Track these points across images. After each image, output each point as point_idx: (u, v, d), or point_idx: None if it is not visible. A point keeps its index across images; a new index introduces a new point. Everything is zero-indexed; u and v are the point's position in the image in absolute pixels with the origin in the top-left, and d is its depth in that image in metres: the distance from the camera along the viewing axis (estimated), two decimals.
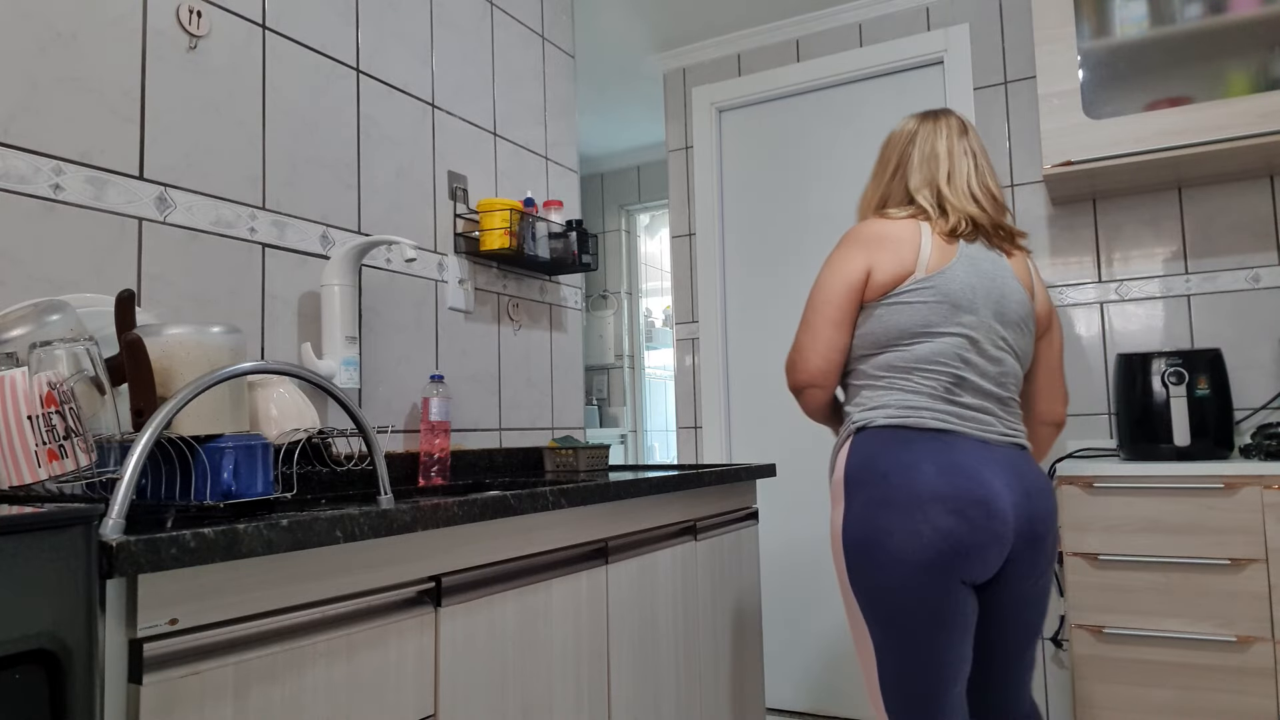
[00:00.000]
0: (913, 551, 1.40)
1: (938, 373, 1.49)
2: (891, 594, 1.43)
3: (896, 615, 1.43)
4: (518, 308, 2.38)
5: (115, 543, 0.80)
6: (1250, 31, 2.28)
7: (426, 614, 1.19)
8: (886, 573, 1.42)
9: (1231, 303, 2.51)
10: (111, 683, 0.83)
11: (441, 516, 1.18)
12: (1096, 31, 2.42)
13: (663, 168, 4.69)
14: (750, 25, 3.21)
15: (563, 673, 1.46)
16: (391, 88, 2.01)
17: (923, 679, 1.43)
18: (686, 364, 3.36)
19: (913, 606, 1.42)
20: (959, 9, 2.92)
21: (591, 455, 2.16)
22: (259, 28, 1.70)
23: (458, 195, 2.19)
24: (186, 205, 1.54)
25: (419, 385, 2.02)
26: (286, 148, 1.74)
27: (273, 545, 0.95)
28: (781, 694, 3.09)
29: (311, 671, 1.02)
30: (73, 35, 1.39)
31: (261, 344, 1.67)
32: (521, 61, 2.47)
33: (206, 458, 1.06)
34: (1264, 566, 2.00)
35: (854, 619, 1.51)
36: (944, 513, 1.40)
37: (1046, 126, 2.38)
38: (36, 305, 1.15)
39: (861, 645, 1.50)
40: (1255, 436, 2.24)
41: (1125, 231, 2.65)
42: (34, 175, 1.33)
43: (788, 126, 3.23)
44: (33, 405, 1.00)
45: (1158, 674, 2.08)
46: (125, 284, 1.44)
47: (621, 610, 1.63)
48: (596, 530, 1.57)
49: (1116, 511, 2.14)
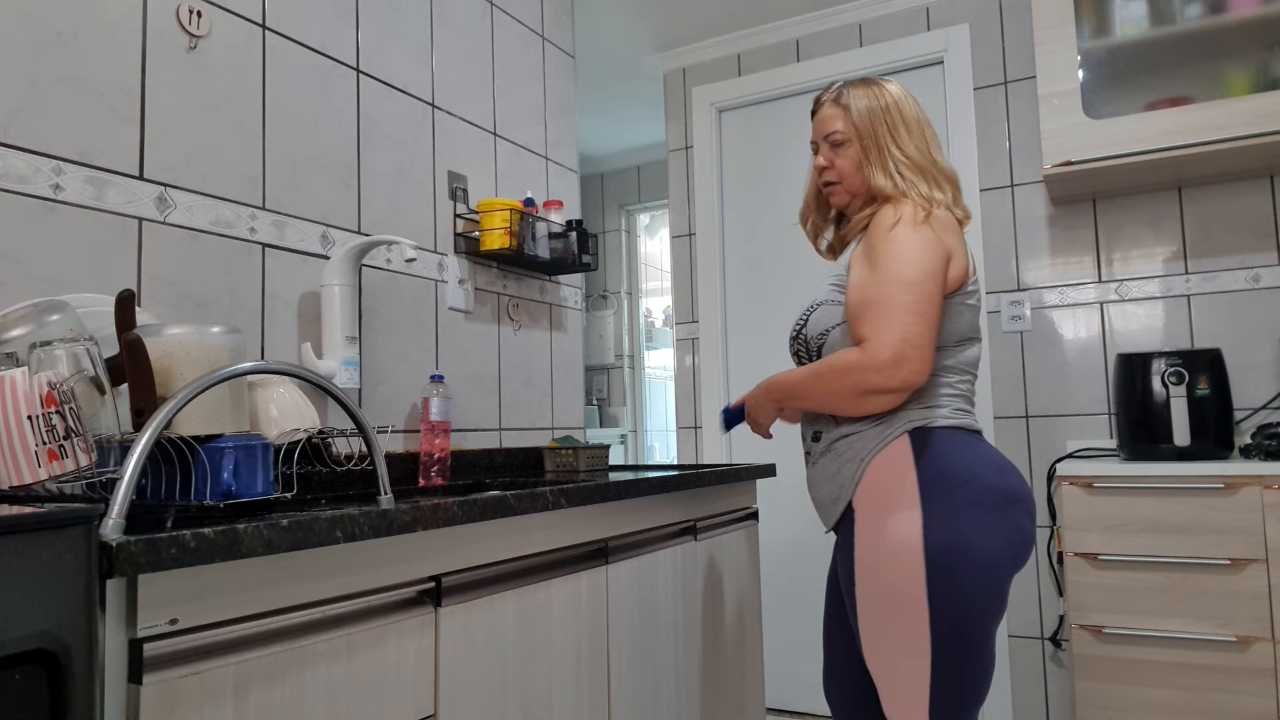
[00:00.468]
0: (1004, 556, 1.35)
1: (973, 378, 1.49)
2: (974, 602, 1.33)
3: (974, 624, 1.34)
4: (518, 308, 2.38)
5: (115, 543, 0.80)
6: (1250, 31, 2.28)
7: (426, 614, 1.19)
8: (976, 580, 1.33)
9: (1231, 303, 2.51)
10: (111, 683, 0.83)
11: (441, 516, 1.18)
12: (1096, 31, 2.42)
13: (663, 168, 4.69)
14: (750, 25, 3.21)
15: (563, 673, 1.46)
16: (391, 88, 2.01)
17: (977, 688, 1.36)
18: (686, 364, 3.36)
19: (992, 614, 1.35)
20: (959, 9, 2.92)
21: (591, 455, 2.16)
22: (259, 28, 1.70)
23: (458, 195, 2.19)
24: (186, 205, 1.54)
25: (419, 385, 2.02)
26: (286, 148, 1.74)
27: (273, 545, 0.95)
28: (781, 694, 3.09)
29: (311, 671, 1.02)
30: (73, 35, 1.39)
31: (261, 344, 1.67)
32: (521, 61, 2.47)
33: (206, 458, 1.06)
34: (1264, 566, 2.00)
35: (904, 635, 1.36)
36: (1024, 515, 1.38)
37: (1046, 126, 2.38)
38: (36, 305, 1.15)
39: (908, 663, 1.36)
40: (1255, 436, 2.24)
41: (1125, 231, 2.65)
42: (34, 175, 1.33)
43: (788, 126, 3.23)
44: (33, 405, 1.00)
45: (1158, 674, 2.08)
46: (125, 284, 1.44)
47: (621, 610, 1.63)
48: (596, 530, 1.57)
49: (1116, 511, 2.14)
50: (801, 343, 1.53)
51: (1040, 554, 2.68)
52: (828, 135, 1.55)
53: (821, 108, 1.58)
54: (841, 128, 1.54)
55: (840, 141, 1.54)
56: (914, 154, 1.49)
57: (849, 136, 1.53)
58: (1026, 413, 2.74)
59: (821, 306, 1.50)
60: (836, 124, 1.54)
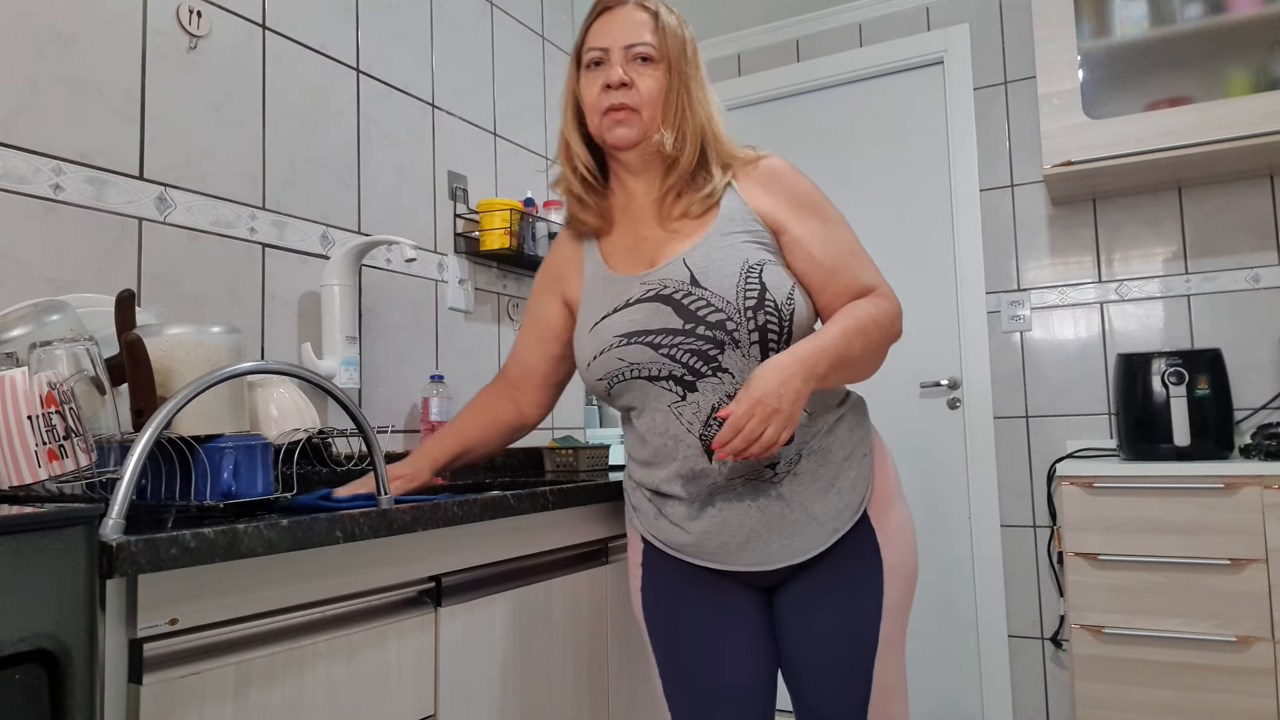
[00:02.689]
0: None
1: None
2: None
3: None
4: (518, 308, 2.38)
5: (115, 543, 0.80)
6: (1250, 31, 2.28)
7: (426, 614, 1.19)
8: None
9: (1231, 303, 2.51)
10: (111, 683, 0.83)
11: (441, 516, 1.18)
12: (1096, 31, 2.42)
13: None
14: (750, 25, 3.21)
15: (563, 673, 1.46)
16: (391, 88, 2.01)
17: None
18: None
19: None
20: (959, 9, 2.92)
21: (591, 455, 2.16)
22: (259, 28, 1.70)
23: (458, 195, 2.19)
24: (186, 205, 1.54)
25: (419, 385, 2.02)
26: (286, 148, 1.74)
27: (273, 545, 0.94)
28: (781, 694, 3.09)
29: (311, 671, 1.02)
30: (73, 35, 1.39)
31: (261, 344, 1.67)
32: (521, 61, 2.47)
33: (206, 458, 1.06)
34: (1264, 566, 2.00)
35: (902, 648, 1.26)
36: None
37: (1046, 126, 2.38)
38: (36, 305, 1.15)
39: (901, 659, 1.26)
40: (1255, 436, 2.24)
41: (1125, 231, 2.65)
42: (34, 175, 1.33)
43: (788, 126, 3.23)
44: (33, 405, 1.00)
45: (1158, 674, 2.08)
46: (125, 284, 1.44)
47: (621, 610, 1.63)
48: (596, 530, 1.57)
49: (1117, 511, 2.14)
50: (772, 311, 1.16)
51: (1040, 554, 2.68)
52: (631, 45, 1.21)
53: (613, 11, 1.24)
54: (653, 41, 1.21)
55: (649, 57, 1.21)
56: (719, 116, 1.26)
57: (659, 55, 1.21)
58: (1026, 413, 2.74)
59: (767, 266, 1.18)
60: (645, 34, 1.21)
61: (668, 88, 1.21)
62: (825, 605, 1.21)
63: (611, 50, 1.21)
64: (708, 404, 1.17)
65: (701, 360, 1.16)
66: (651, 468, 1.25)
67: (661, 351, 1.18)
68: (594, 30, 1.25)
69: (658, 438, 1.21)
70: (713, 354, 1.16)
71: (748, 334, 1.15)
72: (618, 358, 1.21)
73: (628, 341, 1.20)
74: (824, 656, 1.21)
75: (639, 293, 1.22)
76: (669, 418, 1.20)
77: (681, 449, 1.19)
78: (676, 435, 1.19)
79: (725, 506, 1.19)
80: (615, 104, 1.20)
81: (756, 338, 1.16)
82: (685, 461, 1.19)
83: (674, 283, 1.20)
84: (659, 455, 1.22)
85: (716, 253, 1.19)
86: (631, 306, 1.22)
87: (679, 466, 1.20)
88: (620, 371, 1.21)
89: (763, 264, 1.18)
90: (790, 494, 1.19)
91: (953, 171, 2.89)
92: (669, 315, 1.18)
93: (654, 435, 1.22)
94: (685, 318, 1.17)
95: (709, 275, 1.18)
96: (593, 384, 1.27)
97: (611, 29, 1.22)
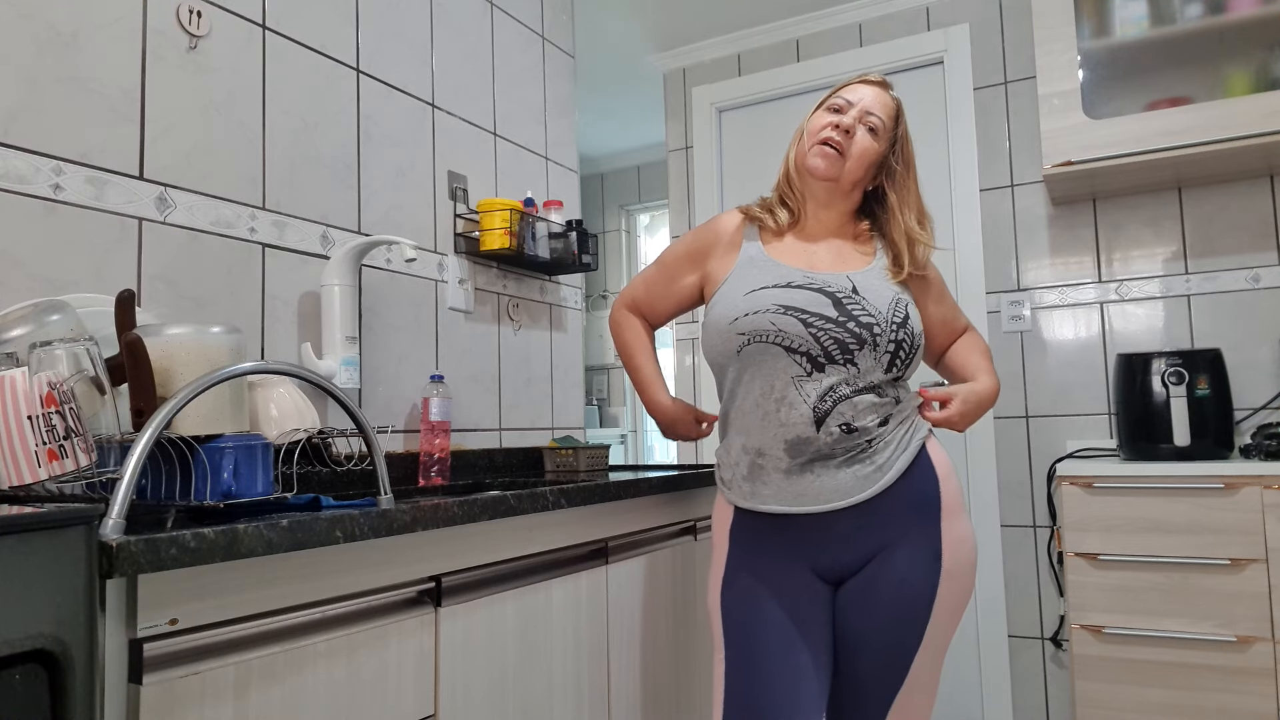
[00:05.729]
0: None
1: None
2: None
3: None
4: (518, 308, 2.38)
5: (115, 543, 0.80)
6: (1250, 31, 2.28)
7: (426, 614, 1.19)
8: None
9: (1231, 303, 2.51)
10: (111, 683, 0.83)
11: (441, 516, 1.18)
12: (1096, 31, 2.42)
13: (663, 168, 4.69)
14: (750, 25, 3.21)
15: (563, 673, 1.46)
16: (391, 88, 2.01)
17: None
18: (686, 364, 3.35)
19: None
20: (959, 9, 2.92)
21: (591, 455, 2.16)
22: (259, 28, 1.70)
23: (458, 195, 2.19)
24: (186, 205, 1.54)
25: (419, 385, 2.02)
26: (286, 148, 1.74)
27: (273, 545, 0.94)
28: None
29: (311, 671, 1.02)
30: (73, 35, 1.39)
31: (261, 344, 1.67)
32: (521, 61, 2.47)
33: (206, 458, 1.06)
34: (1264, 566, 2.00)
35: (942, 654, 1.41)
36: None
37: (1046, 126, 2.38)
38: (36, 305, 1.15)
39: (937, 671, 1.40)
40: (1255, 436, 2.24)
41: (1125, 231, 2.65)
42: (34, 175, 1.33)
43: (788, 126, 3.23)
44: (33, 405, 1.00)
45: (1158, 674, 2.08)
46: (125, 284, 1.44)
47: (621, 610, 1.63)
48: (596, 530, 1.57)
49: (1116, 511, 2.14)
50: (908, 335, 1.38)
51: (1040, 554, 2.68)
52: (870, 113, 1.44)
53: (871, 86, 1.47)
54: (885, 120, 1.45)
55: (875, 129, 1.44)
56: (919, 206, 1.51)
57: (886, 134, 1.45)
58: (1026, 413, 2.74)
59: (911, 305, 1.43)
60: (883, 114, 1.45)
61: (875, 160, 1.44)
62: (885, 595, 1.35)
63: (854, 107, 1.45)
64: (828, 386, 1.34)
65: (840, 349, 1.35)
66: (753, 435, 1.39)
67: (811, 329, 1.35)
68: (849, 87, 1.48)
69: (773, 403, 1.36)
70: (851, 347, 1.35)
71: (887, 342, 1.36)
72: (771, 321, 1.37)
73: (785, 311, 1.37)
74: (878, 640, 1.35)
75: (802, 281, 1.41)
76: (789, 387, 1.35)
77: (794, 416, 1.35)
78: (792, 403, 1.35)
79: (822, 471, 1.35)
80: (831, 139, 1.42)
81: (892, 349, 1.37)
82: (793, 428, 1.35)
83: (837, 285, 1.40)
84: (768, 419, 1.37)
85: (875, 281, 1.42)
86: (794, 289, 1.39)
87: (785, 432, 1.35)
88: (766, 333, 1.37)
89: (909, 302, 1.42)
90: (877, 457, 1.36)
91: (953, 171, 2.89)
92: (827, 305, 1.37)
93: (769, 400, 1.37)
94: (840, 312, 1.37)
95: (868, 292, 1.40)
96: (728, 338, 1.40)
97: (863, 95, 1.46)
